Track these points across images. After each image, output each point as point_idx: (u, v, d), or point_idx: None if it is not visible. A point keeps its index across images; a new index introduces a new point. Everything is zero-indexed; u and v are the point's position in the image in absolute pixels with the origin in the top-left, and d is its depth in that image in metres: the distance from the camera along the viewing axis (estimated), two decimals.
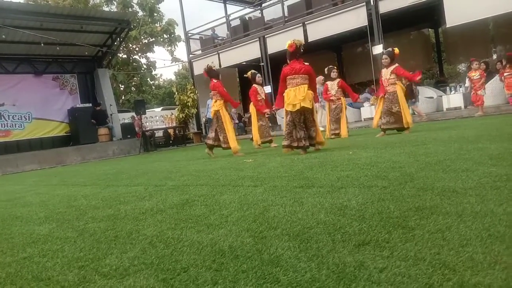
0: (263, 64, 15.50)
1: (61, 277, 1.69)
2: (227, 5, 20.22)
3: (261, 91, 8.14)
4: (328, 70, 8.58)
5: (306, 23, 14.33)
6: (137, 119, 15.23)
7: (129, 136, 15.20)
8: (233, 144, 6.73)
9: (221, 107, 6.80)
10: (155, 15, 26.64)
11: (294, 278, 1.35)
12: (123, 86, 26.69)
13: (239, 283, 1.37)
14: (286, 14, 15.32)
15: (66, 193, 4.62)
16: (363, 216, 1.98)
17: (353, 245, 1.58)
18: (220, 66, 17.11)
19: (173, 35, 26.95)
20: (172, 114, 17.44)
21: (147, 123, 16.93)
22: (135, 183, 4.75)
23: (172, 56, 28.04)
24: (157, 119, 18.25)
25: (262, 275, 1.41)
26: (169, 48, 27.28)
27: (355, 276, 1.30)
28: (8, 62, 13.80)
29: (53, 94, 14.71)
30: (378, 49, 12.40)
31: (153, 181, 4.71)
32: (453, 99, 11.86)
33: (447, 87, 12.98)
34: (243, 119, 17.52)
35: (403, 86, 7.34)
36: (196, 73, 17.81)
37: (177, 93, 16.72)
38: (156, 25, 26.53)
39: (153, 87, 33.33)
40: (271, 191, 2.97)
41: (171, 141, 16.22)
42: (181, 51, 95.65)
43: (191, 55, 18.84)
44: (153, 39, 26.70)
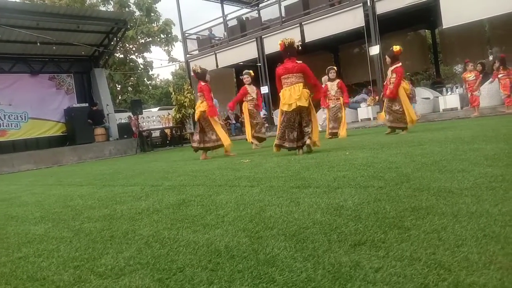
0: (260, 64, 15.50)
1: (56, 277, 1.68)
2: (224, 5, 20.21)
3: (251, 91, 8.28)
4: (327, 70, 8.69)
5: (303, 23, 14.35)
6: (133, 119, 15.21)
7: (125, 136, 15.17)
8: (226, 142, 6.69)
9: (207, 108, 6.80)
10: (152, 15, 26.62)
11: (289, 278, 1.35)
12: (119, 86, 26.68)
13: (234, 283, 1.37)
14: (283, 14, 15.33)
15: (62, 193, 4.60)
16: (359, 216, 1.99)
17: (349, 245, 1.59)
18: (217, 66, 17.13)
19: (170, 35, 26.94)
20: (169, 114, 17.39)
21: (144, 123, 16.88)
22: (132, 183, 4.74)
23: (169, 56, 28.08)
24: (154, 119, 18.22)
25: (258, 275, 1.41)
26: (166, 48, 27.31)
27: (351, 276, 1.30)
28: (4, 61, 13.74)
29: (49, 93, 14.66)
30: (375, 49, 12.44)
31: (149, 181, 4.70)
32: (449, 100, 11.91)
33: (444, 88, 13.04)
34: (240, 119, 17.50)
35: (407, 85, 7.34)
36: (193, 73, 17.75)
37: (174, 93, 16.69)
38: (153, 25, 26.51)
39: (150, 87, 33.28)
40: (267, 191, 2.97)
41: (168, 141, 16.21)
42: (178, 51, 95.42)
43: (188, 55, 18.82)
44: (150, 39, 26.69)
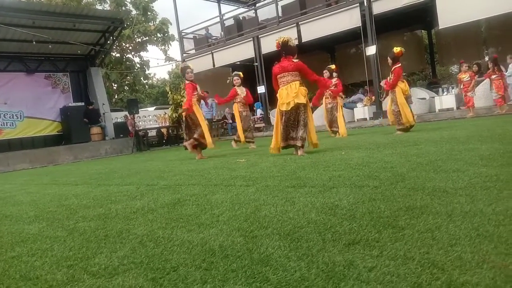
0: (257, 64, 15.49)
1: (50, 276, 1.67)
2: (221, 4, 20.17)
3: (241, 92, 8.54)
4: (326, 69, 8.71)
5: (300, 23, 14.34)
6: (130, 118, 15.14)
7: (121, 135, 15.10)
8: (208, 139, 6.73)
9: (194, 104, 6.87)
10: (149, 14, 26.53)
11: (283, 277, 1.35)
12: (116, 85, 26.57)
13: (228, 282, 1.37)
14: (280, 14, 15.32)
15: (57, 192, 4.58)
16: (354, 215, 1.99)
17: (343, 244, 1.59)
18: (214, 65, 17.10)
19: (166, 34, 26.85)
20: (165, 113, 17.34)
21: (140, 123, 16.83)
22: (127, 182, 4.72)
23: (165, 55, 28.00)
24: (150, 118, 18.16)
25: (251, 274, 1.41)
26: (163, 47, 27.21)
27: (344, 275, 1.30)
28: None
29: (45, 92, 14.57)
30: (371, 50, 12.46)
31: (145, 180, 4.69)
32: (445, 100, 11.95)
33: (440, 88, 13.08)
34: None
35: (406, 86, 7.37)
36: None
37: (170, 92, 16.63)
38: (149, 24, 26.41)
39: (147, 86, 33.18)
40: (263, 190, 2.97)
41: (164, 141, 16.15)
42: (174, 50, 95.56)
43: (184, 55, 18.78)
44: (147, 38, 26.59)
